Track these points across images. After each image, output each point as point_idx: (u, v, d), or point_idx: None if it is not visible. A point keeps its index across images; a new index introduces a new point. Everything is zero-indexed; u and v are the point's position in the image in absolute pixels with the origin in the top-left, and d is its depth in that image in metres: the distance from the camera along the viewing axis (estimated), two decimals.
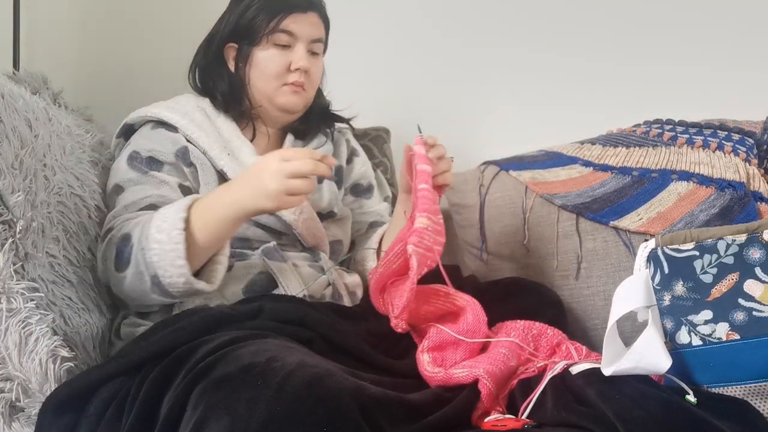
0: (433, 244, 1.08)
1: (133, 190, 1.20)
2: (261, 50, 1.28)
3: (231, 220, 1.10)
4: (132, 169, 1.22)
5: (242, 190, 1.09)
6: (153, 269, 1.07)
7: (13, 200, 1.02)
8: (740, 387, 0.90)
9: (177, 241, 1.06)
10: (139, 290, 1.10)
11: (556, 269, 1.42)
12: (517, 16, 1.82)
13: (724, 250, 0.92)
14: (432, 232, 1.07)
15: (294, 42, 1.27)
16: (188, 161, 1.24)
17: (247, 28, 1.27)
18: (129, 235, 1.11)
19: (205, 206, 1.11)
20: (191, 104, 1.31)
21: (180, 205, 1.10)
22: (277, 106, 1.30)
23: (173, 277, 1.07)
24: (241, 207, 1.09)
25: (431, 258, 1.07)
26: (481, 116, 1.83)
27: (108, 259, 1.13)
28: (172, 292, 1.09)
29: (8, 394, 0.94)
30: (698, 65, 1.74)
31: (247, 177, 1.10)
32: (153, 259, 1.07)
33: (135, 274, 1.09)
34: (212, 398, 0.78)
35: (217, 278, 1.13)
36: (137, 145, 1.25)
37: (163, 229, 1.07)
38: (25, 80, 1.30)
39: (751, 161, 1.40)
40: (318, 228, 1.30)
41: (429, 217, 1.07)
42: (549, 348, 1.10)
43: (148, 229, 1.08)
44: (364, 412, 0.78)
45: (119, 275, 1.11)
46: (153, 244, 1.07)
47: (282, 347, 0.87)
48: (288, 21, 1.26)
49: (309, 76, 1.29)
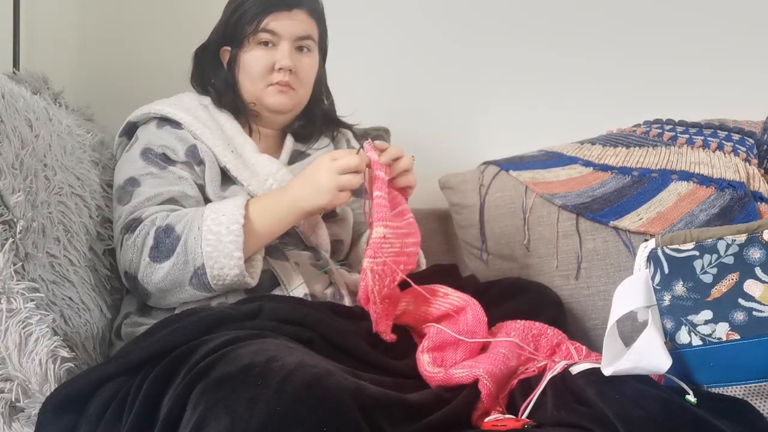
0: (401, 248, 1.09)
1: (151, 183, 1.20)
2: (246, 52, 1.28)
3: (288, 220, 1.17)
4: (149, 164, 1.22)
5: (301, 191, 1.14)
6: (201, 260, 1.10)
7: (14, 200, 1.02)
8: (740, 387, 0.90)
9: (237, 234, 1.10)
10: (176, 281, 1.11)
11: (556, 269, 1.42)
12: (517, 16, 1.82)
13: (724, 250, 0.92)
14: (394, 237, 1.08)
15: (278, 41, 1.27)
16: (198, 159, 1.24)
17: (234, 30, 1.28)
18: (171, 226, 1.12)
19: (263, 206, 1.16)
20: (194, 102, 1.32)
21: (238, 202, 1.15)
22: (265, 107, 1.30)
23: (224, 269, 1.10)
24: (299, 206, 1.15)
25: (404, 261, 1.09)
26: (481, 116, 1.83)
27: (140, 248, 1.13)
28: (213, 284, 1.11)
29: (8, 394, 0.94)
30: (698, 65, 1.74)
31: (303, 178, 1.15)
32: (206, 250, 1.09)
33: (177, 264, 1.10)
34: (212, 398, 0.78)
35: (256, 273, 1.16)
36: (148, 140, 1.25)
37: (221, 222, 1.11)
38: (25, 80, 1.30)
39: (751, 161, 1.40)
40: (320, 227, 1.30)
41: (386, 224, 1.08)
42: (549, 348, 1.10)
43: (202, 220, 1.12)
44: (364, 412, 0.78)
45: (156, 265, 1.11)
46: (208, 235, 1.10)
47: (282, 347, 0.88)
48: (269, 20, 1.26)
49: (297, 75, 1.28)
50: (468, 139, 1.82)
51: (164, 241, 1.12)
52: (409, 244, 1.11)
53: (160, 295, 1.15)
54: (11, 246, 1.00)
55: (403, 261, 1.09)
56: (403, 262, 1.09)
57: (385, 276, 1.07)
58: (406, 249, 1.10)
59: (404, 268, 1.09)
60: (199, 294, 1.14)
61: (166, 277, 1.11)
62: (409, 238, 1.11)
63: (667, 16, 1.78)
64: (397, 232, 1.10)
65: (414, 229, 1.14)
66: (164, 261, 1.11)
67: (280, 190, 1.19)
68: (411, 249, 1.12)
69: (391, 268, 1.07)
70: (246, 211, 1.13)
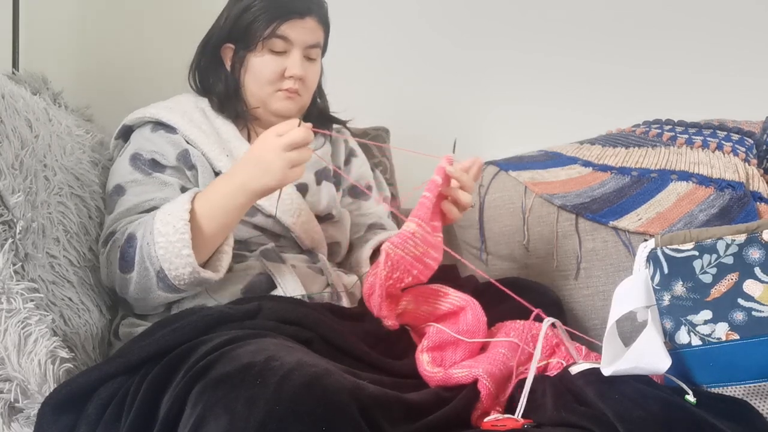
0: (423, 255, 1.09)
1: (135, 191, 1.20)
2: (256, 56, 1.27)
3: (237, 206, 1.11)
4: (135, 170, 1.22)
5: (246, 173, 1.09)
6: (158, 263, 1.08)
7: (13, 201, 1.02)
8: (740, 387, 0.90)
9: (183, 232, 1.07)
10: (145, 288, 1.10)
11: (556, 269, 1.42)
12: (517, 17, 1.82)
13: (723, 250, 0.92)
14: (421, 240, 1.08)
15: (290, 48, 1.26)
16: (190, 164, 1.24)
17: (244, 32, 1.26)
18: (133, 235, 1.11)
19: (209, 197, 1.11)
20: (190, 104, 1.31)
21: (184, 198, 1.12)
22: (271, 111, 1.30)
23: (179, 269, 1.08)
24: (246, 190, 1.09)
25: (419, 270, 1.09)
26: (481, 116, 1.83)
27: (112, 262, 1.13)
28: (178, 285, 1.09)
29: (7, 394, 0.94)
30: (698, 65, 1.74)
31: (247, 160, 1.11)
32: (159, 253, 1.07)
33: (140, 272, 1.09)
34: (211, 397, 0.78)
35: (222, 267, 1.14)
36: (139, 146, 1.25)
37: (168, 222, 1.08)
38: (25, 80, 1.30)
39: (750, 161, 1.40)
40: (316, 230, 1.30)
41: (419, 223, 1.08)
42: (549, 348, 1.10)
43: (153, 224, 1.09)
44: (363, 411, 0.78)
45: (125, 277, 1.11)
46: (158, 238, 1.08)
47: (281, 346, 0.88)
48: (284, 27, 1.25)
49: (304, 82, 1.29)
50: (468, 139, 1.81)
51: (127, 252, 1.11)
52: (431, 255, 1.11)
53: (141, 304, 1.15)
54: (11, 246, 1.00)
55: (419, 269, 1.10)
56: (418, 270, 1.10)
57: (395, 268, 1.07)
58: (425, 258, 1.10)
59: (416, 274, 1.10)
60: (173, 296, 1.13)
61: (136, 287, 1.11)
62: (432, 251, 1.11)
63: (666, 16, 1.79)
64: (426, 237, 1.09)
65: (440, 247, 1.13)
66: (131, 272, 1.10)
67: (227, 177, 1.13)
68: (430, 261, 1.11)
69: (405, 265, 1.08)
70: (192, 205, 1.10)
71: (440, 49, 1.83)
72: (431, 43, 1.83)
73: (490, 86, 1.82)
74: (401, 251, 1.07)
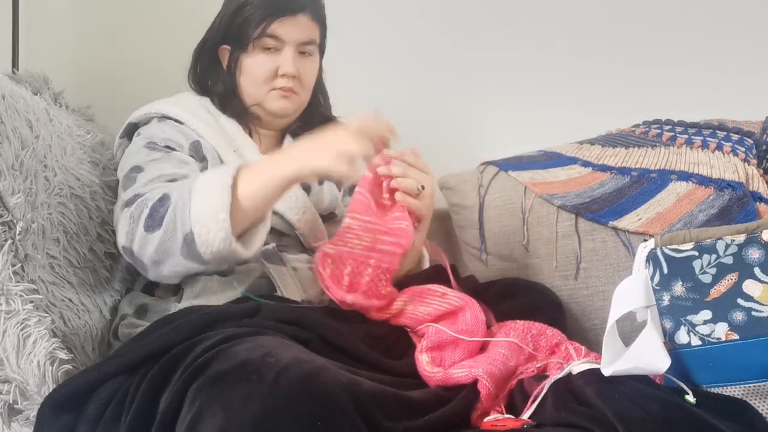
0: (373, 243, 1.11)
1: (155, 166, 1.18)
2: (248, 56, 1.27)
3: (281, 181, 1.07)
4: (153, 151, 1.21)
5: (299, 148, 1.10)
6: (189, 225, 1.04)
7: (13, 201, 1.02)
8: (739, 387, 0.90)
9: (223, 195, 1.04)
10: (166, 251, 1.07)
11: (556, 269, 1.42)
12: (517, 17, 1.82)
13: (723, 250, 0.92)
14: (361, 230, 1.11)
15: (282, 46, 1.26)
16: (201, 155, 1.23)
17: (237, 32, 1.26)
18: (168, 195, 1.09)
19: (255, 170, 1.09)
20: (194, 102, 1.32)
21: (229, 166, 1.10)
22: (267, 111, 1.30)
23: (211, 233, 1.04)
24: (296, 166, 1.06)
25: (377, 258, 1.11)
26: (481, 116, 1.83)
27: (136, 219, 1.09)
28: (203, 253, 1.06)
29: (6, 396, 0.94)
30: (697, 65, 1.74)
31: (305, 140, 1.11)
32: (193, 214, 1.04)
33: (166, 231, 1.06)
34: (208, 395, 0.78)
35: (254, 245, 1.10)
36: (152, 134, 1.24)
37: (208, 185, 1.06)
38: (25, 80, 1.30)
39: (750, 161, 1.40)
40: (320, 229, 1.30)
41: (352, 216, 1.13)
42: (548, 348, 1.10)
43: (192, 184, 1.07)
44: (360, 407, 0.78)
45: (148, 236, 1.07)
46: (197, 199, 1.05)
47: (277, 343, 0.88)
48: (275, 25, 1.24)
49: (299, 80, 1.28)
50: (467, 140, 1.82)
51: (158, 210, 1.07)
52: (386, 242, 1.11)
53: (155, 269, 1.10)
54: (10, 247, 1.00)
55: (376, 257, 1.11)
56: (376, 258, 1.10)
57: (341, 263, 1.10)
58: (379, 245, 1.11)
59: (377, 264, 1.10)
60: (192, 266, 1.09)
61: (159, 247, 1.07)
62: (388, 237, 1.12)
63: (666, 16, 1.79)
64: (368, 227, 1.11)
65: (404, 232, 1.13)
66: (155, 231, 1.07)
67: (277, 153, 1.14)
68: (387, 247, 1.11)
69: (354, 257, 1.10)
70: (236, 173, 1.07)
71: (440, 48, 1.82)
72: (431, 43, 1.82)
73: (489, 86, 1.82)
74: (342, 246, 1.11)
